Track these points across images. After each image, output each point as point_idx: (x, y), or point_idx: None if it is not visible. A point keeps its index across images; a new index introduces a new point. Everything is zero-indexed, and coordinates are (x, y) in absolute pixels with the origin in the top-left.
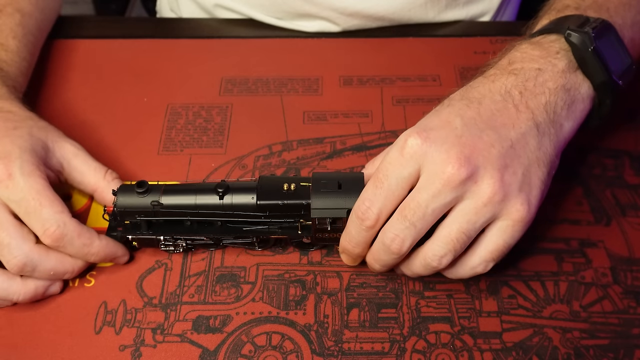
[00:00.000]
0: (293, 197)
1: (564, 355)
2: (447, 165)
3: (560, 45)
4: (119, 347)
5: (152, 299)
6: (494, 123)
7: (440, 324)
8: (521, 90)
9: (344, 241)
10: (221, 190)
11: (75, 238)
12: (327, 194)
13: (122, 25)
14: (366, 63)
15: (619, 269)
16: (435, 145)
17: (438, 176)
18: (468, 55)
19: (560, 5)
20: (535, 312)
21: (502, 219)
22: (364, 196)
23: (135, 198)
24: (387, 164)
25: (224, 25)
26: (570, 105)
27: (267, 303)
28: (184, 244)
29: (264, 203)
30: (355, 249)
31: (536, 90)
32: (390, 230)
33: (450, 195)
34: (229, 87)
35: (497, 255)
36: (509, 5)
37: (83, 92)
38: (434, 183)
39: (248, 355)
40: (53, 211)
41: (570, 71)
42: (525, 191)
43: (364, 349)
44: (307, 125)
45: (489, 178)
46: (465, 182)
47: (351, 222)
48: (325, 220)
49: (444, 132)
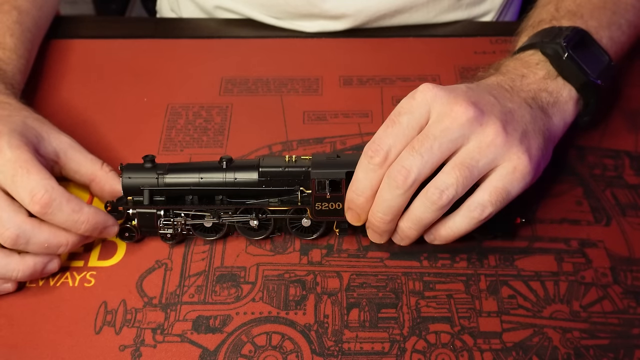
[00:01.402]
0: (294, 165)
1: (564, 355)
2: (455, 105)
3: (538, 57)
4: (119, 347)
5: (152, 299)
6: (493, 93)
7: (440, 324)
8: (510, 85)
9: (350, 192)
10: (225, 160)
11: (64, 203)
12: (327, 160)
13: (122, 25)
14: (366, 63)
15: (619, 269)
16: (445, 91)
17: (447, 114)
18: (468, 55)
19: (536, 21)
20: (535, 312)
21: (503, 165)
22: (375, 137)
23: (141, 172)
24: (398, 107)
25: (224, 26)
26: (555, 104)
27: (267, 303)
28: (183, 222)
29: (265, 170)
30: (360, 198)
31: (523, 87)
32: (397, 163)
33: (457, 133)
34: (229, 87)
35: (495, 199)
36: (511, 5)
37: (83, 92)
38: (443, 120)
39: (248, 355)
40: (40, 177)
41: (550, 78)
42: (526, 144)
43: (364, 349)
44: (307, 125)
45: (492, 123)
46: (472, 122)
47: (359, 165)
48: (324, 183)
49: (451, 87)
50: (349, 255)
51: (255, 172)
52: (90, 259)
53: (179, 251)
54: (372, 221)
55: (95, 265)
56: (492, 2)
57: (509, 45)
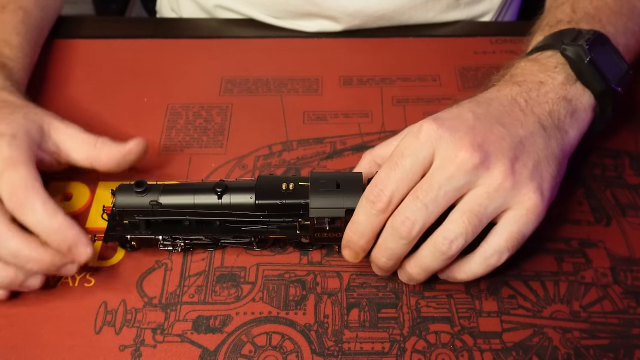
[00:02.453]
0: (291, 196)
1: (564, 355)
2: (461, 150)
3: (557, 59)
4: (119, 347)
5: (152, 299)
6: (503, 120)
7: (440, 324)
8: (526, 99)
9: (349, 231)
10: (220, 189)
11: (39, 204)
12: (326, 193)
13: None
14: (366, 63)
15: (619, 269)
16: (449, 132)
17: (451, 160)
18: (468, 55)
19: (553, 21)
20: (535, 312)
21: (515, 207)
22: (377, 180)
23: (134, 197)
24: (401, 147)
25: (224, 25)
26: (573, 114)
27: (267, 303)
28: (182, 243)
29: (262, 202)
30: (361, 240)
31: (539, 99)
32: (401, 213)
33: (463, 180)
34: (229, 87)
35: (511, 245)
36: (510, 5)
37: (83, 92)
38: (448, 166)
39: (248, 355)
40: (26, 175)
41: (569, 83)
42: (537, 180)
43: (364, 349)
44: (307, 125)
45: (500, 165)
46: (478, 168)
47: (360, 207)
48: (323, 219)
49: (457, 122)
50: None
51: (252, 204)
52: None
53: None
54: (376, 262)
55: (95, 265)
56: (491, 1)
57: (509, 45)
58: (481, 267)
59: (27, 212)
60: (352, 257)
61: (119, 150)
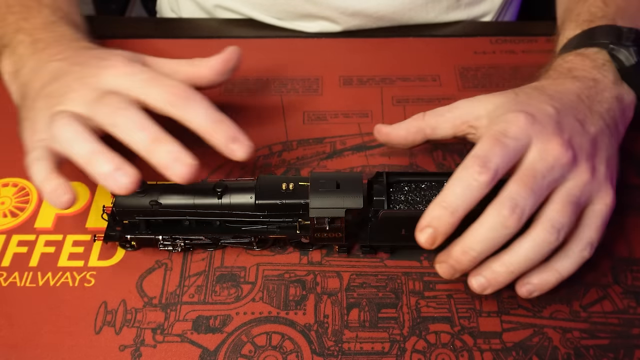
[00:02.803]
0: (291, 196)
1: (564, 355)
2: (556, 145)
3: (603, 57)
4: (119, 347)
5: (152, 299)
6: (577, 117)
7: (440, 324)
8: (587, 95)
9: (437, 207)
10: (219, 190)
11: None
12: (326, 193)
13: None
14: (366, 63)
15: (619, 269)
16: (542, 126)
17: (548, 153)
18: (468, 55)
19: (587, 14)
20: (535, 312)
21: (597, 202)
22: (478, 151)
23: (133, 198)
24: (503, 129)
25: (224, 26)
26: (623, 113)
27: (267, 303)
28: (182, 243)
29: (262, 203)
30: (452, 217)
31: (598, 97)
32: (509, 198)
33: (559, 173)
34: (229, 87)
35: (599, 237)
36: (510, 6)
37: None
38: (547, 158)
39: (248, 355)
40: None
41: (618, 84)
42: (610, 177)
43: (364, 349)
44: (307, 125)
45: (585, 162)
46: (571, 164)
47: (458, 179)
48: (323, 219)
49: (545, 117)
50: (349, 255)
51: (252, 202)
52: (90, 259)
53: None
54: (459, 257)
55: (95, 265)
56: (491, 2)
57: (509, 45)
58: (576, 262)
59: (193, 108)
60: (430, 242)
61: (217, 59)
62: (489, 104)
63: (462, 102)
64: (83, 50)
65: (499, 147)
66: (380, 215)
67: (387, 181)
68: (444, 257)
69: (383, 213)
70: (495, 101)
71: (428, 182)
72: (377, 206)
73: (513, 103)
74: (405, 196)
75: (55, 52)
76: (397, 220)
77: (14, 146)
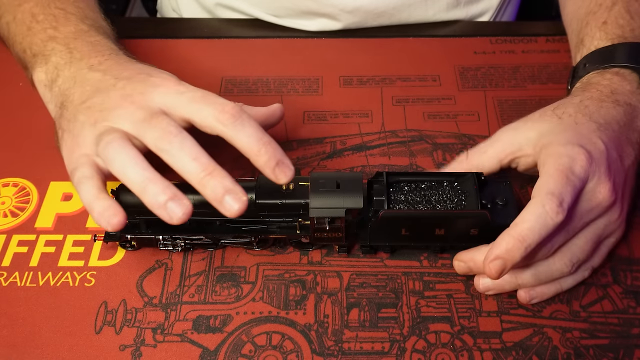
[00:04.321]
0: (291, 196)
1: (563, 355)
2: (604, 189)
3: (636, 80)
4: (119, 347)
5: (153, 298)
6: (618, 150)
7: (440, 324)
8: (625, 122)
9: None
10: None
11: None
12: (326, 193)
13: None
14: (366, 63)
15: (619, 268)
16: (597, 166)
17: (595, 195)
18: (468, 55)
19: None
20: (535, 312)
21: (613, 235)
22: (556, 190)
23: (134, 197)
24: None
25: (224, 25)
26: None
27: (267, 303)
28: (182, 243)
29: (262, 202)
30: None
31: (633, 125)
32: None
33: (596, 214)
34: (229, 87)
35: (600, 263)
36: (509, 5)
37: None
38: (592, 199)
39: (248, 355)
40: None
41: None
42: (627, 209)
43: (364, 349)
44: (307, 125)
45: (619, 203)
46: (610, 207)
47: (537, 214)
48: (323, 219)
49: (598, 154)
50: (349, 255)
51: (252, 203)
52: (90, 259)
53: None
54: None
55: (95, 265)
56: (489, 0)
57: (509, 45)
58: (577, 280)
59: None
60: (499, 273)
61: (262, 111)
62: (531, 132)
63: (502, 134)
64: (126, 64)
65: (570, 187)
66: (380, 215)
67: (387, 181)
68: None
69: (383, 213)
70: (539, 128)
71: (428, 182)
72: (377, 206)
73: (562, 130)
74: (405, 196)
75: (95, 62)
76: (397, 220)
77: (14, 146)
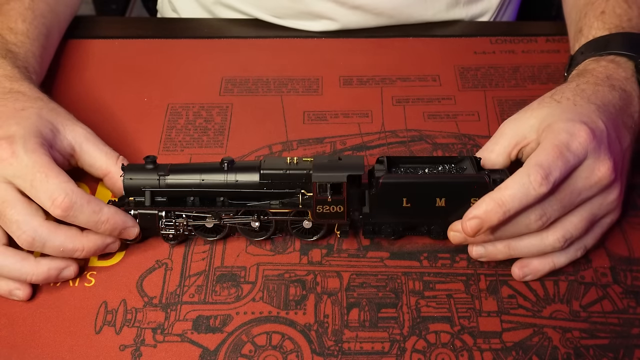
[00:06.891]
0: (295, 168)
1: (563, 355)
2: (603, 166)
3: (631, 67)
4: (119, 346)
5: (153, 298)
6: (617, 132)
7: (440, 324)
8: (621, 107)
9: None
10: (226, 162)
11: (84, 205)
12: (329, 162)
13: (122, 25)
14: (366, 63)
15: (618, 269)
16: (597, 143)
17: (594, 172)
18: (468, 55)
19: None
20: (535, 312)
21: (609, 216)
22: (544, 162)
23: (143, 173)
24: (567, 141)
25: (224, 25)
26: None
27: (267, 303)
28: (184, 222)
29: (266, 172)
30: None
31: (627, 110)
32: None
33: (594, 191)
34: (229, 87)
35: (594, 243)
36: (509, 5)
37: (83, 92)
38: (590, 177)
39: (248, 355)
40: (59, 181)
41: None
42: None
43: (364, 349)
44: (307, 125)
45: (617, 184)
46: (609, 185)
47: (517, 183)
48: (325, 187)
49: (600, 133)
50: (349, 255)
51: (257, 174)
52: (91, 259)
53: (179, 251)
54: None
55: (95, 265)
56: (489, 0)
57: (509, 45)
58: (570, 259)
59: (77, 216)
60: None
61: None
62: (532, 119)
63: (504, 127)
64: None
65: (561, 161)
66: (381, 181)
67: (388, 162)
68: None
69: (384, 178)
70: (539, 114)
71: (428, 167)
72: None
73: (562, 111)
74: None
75: None
76: (398, 188)
77: None
